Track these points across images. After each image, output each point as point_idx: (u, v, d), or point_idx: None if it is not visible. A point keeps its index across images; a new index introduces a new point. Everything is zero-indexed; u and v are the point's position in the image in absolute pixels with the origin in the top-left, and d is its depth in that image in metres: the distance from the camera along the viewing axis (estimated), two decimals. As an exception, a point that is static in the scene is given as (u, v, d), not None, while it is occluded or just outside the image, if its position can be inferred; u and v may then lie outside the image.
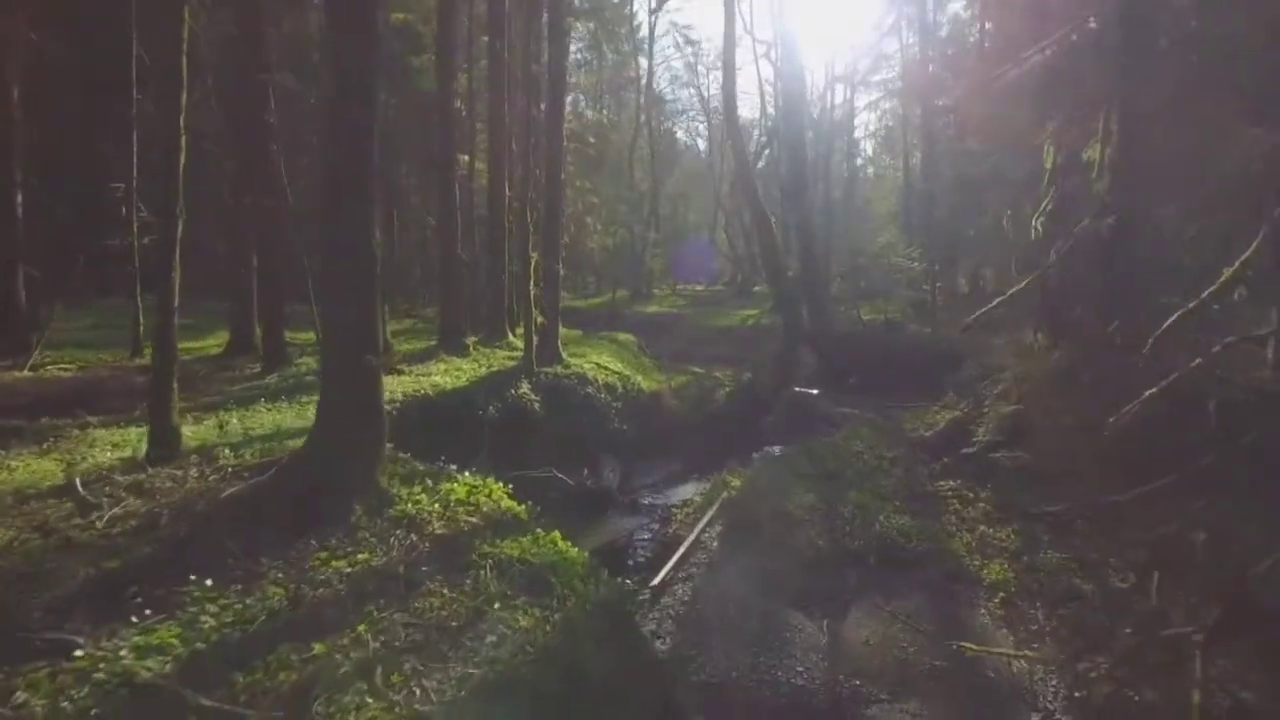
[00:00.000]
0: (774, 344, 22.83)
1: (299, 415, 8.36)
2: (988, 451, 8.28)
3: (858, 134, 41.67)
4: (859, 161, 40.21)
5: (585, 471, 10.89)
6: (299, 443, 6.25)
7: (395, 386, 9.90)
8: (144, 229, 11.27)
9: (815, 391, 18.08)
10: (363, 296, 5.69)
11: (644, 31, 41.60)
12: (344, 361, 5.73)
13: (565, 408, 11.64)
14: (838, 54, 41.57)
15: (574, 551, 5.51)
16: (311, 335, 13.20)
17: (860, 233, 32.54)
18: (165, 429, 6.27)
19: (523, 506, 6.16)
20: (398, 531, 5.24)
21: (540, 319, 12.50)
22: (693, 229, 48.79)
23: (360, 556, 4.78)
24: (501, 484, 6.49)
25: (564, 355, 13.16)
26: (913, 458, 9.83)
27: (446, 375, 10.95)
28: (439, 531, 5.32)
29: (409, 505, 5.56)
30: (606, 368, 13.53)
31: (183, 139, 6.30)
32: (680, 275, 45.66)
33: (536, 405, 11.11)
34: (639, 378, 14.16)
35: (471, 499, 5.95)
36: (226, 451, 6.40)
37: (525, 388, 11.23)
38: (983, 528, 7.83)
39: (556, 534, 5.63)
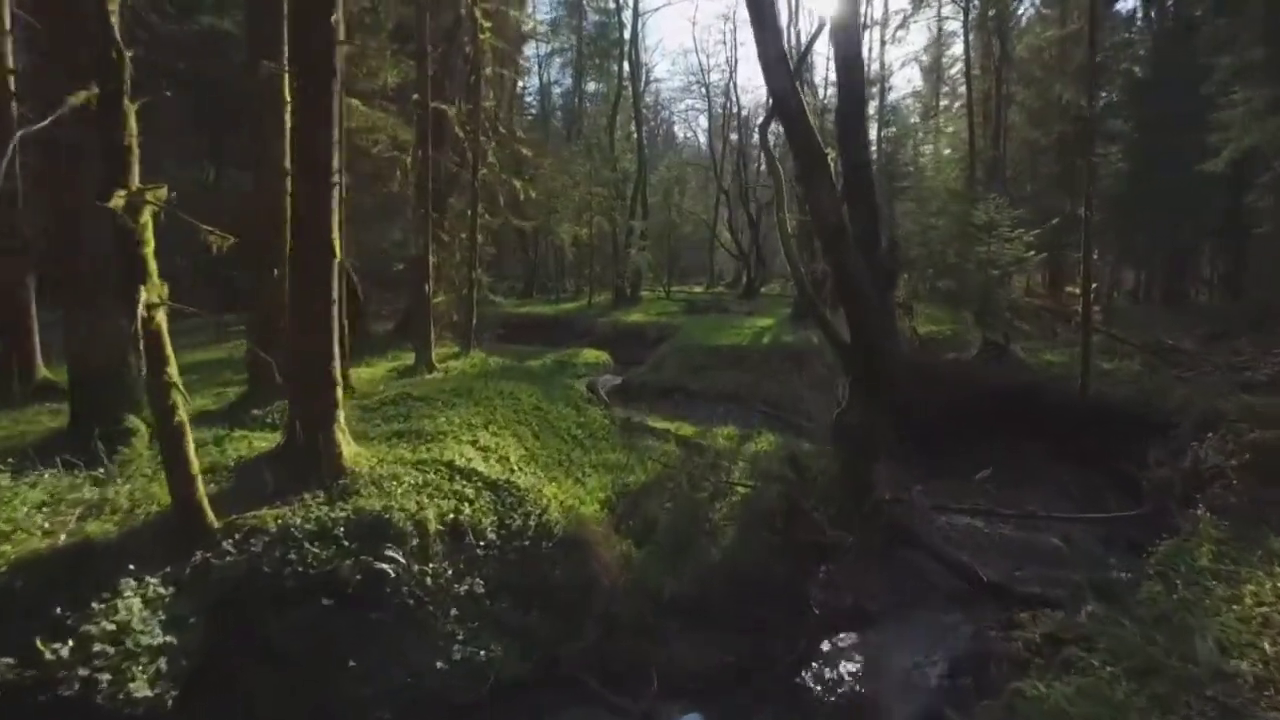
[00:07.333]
0: (808, 374, 15.20)
1: None
2: None
3: (891, 96, 34.30)
4: (892, 130, 32.49)
5: None
6: None
7: None
8: None
9: (886, 475, 10.54)
10: None
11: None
12: None
13: (295, 638, 4.17)
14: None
15: None
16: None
17: (902, 213, 25.08)
18: None
19: None
20: None
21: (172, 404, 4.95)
22: (689, 220, 41.23)
23: None
24: None
25: (356, 459, 5.61)
26: None
27: None
28: None
29: None
30: (470, 475, 6.00)
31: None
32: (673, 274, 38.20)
33: (148, 669, 3.58)
34: (548, 488, 6.59)
35: None
36: None
37: (135, 603, 3.71)
38: None
39: None
